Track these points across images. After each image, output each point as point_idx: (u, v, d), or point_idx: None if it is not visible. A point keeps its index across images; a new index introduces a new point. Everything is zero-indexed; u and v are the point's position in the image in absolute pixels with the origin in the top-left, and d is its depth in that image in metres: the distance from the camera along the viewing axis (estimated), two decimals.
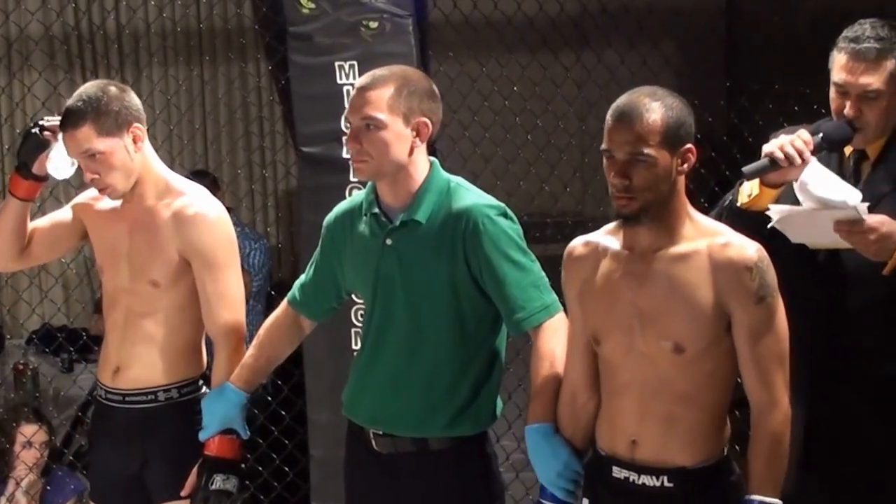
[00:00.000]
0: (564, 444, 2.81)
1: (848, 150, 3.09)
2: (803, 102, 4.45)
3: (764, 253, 2.63)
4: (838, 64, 3.01)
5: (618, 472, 2.71)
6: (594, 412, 2.80)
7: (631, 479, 2.69)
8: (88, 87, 3.25)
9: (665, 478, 2.66)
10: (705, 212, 2.78)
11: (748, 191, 2.98)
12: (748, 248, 2.62)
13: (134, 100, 3.25)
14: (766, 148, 2.91)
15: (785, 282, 2.73)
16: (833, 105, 3.05)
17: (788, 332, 2.66)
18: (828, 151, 2.98)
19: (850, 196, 2.82)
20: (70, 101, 3.21)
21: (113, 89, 3.23)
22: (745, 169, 2.92)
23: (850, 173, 3.02)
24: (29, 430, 4.83)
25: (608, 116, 2.63)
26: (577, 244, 2.81)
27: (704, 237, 2.65)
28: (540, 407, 2.84)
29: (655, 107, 2.60)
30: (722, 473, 2.69)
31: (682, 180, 2.66)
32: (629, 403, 2.69)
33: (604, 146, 2.63)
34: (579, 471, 2.80)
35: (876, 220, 2.83)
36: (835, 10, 3.23)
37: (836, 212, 2.83)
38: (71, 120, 3.18)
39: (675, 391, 2.64)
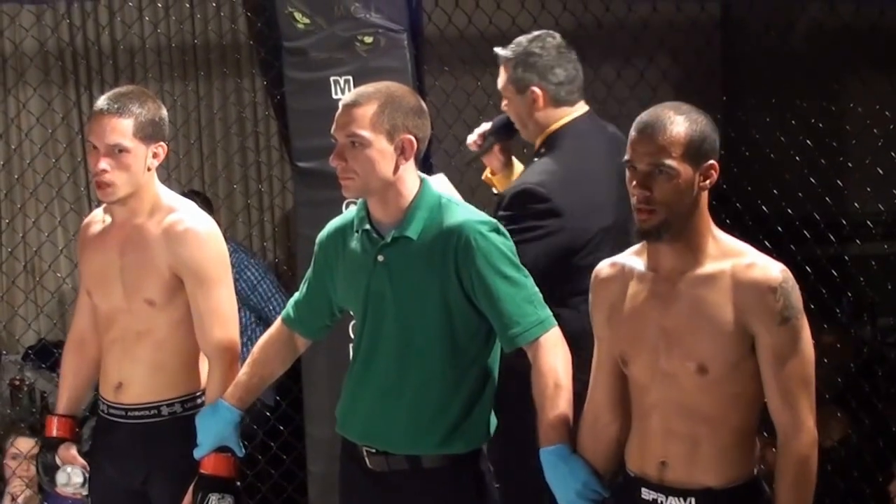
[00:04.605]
0: (583, 464, 2.79)
1: None
2: (799, 115, 4.44)
3: (789, 274, 2.59)
4: None
5: (646, 494, 2.69)
6: (616, 435, 2.79)
7: (659, 501, 2.67)
8: (141, 90, 3.28)
9: (693, 499, 2.64)
10: (726, 229, 2.75)
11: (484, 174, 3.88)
12: (773, 269, 2.59)
13: (167, 120, 3.27)
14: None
15: None
16: None
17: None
18: (494, 138, 3.77)
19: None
20: (121, 90, 3.23)
21: (158, 103, 3.26)
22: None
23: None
24: (25, 445, 4.82)
25: (632, 129, 2.63)
26: (604, 266, 2.80)
27: (729, 257, 2.62)
28: (552, 429, 2.82)
29: (680, 120, 2.59)
30: (751, 494, 2.66)
31: (704, 197, 2.63)
32: (656, 424, 2.67)
33: (626, 157, 2.62)
34: (599, 491, 2.78)
35: None
36: (830, 24, 3.25)
37: None
38: (118, 106, 3.17)
39: (699, 412, 2.62)
